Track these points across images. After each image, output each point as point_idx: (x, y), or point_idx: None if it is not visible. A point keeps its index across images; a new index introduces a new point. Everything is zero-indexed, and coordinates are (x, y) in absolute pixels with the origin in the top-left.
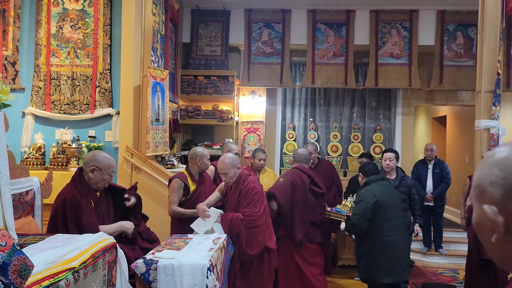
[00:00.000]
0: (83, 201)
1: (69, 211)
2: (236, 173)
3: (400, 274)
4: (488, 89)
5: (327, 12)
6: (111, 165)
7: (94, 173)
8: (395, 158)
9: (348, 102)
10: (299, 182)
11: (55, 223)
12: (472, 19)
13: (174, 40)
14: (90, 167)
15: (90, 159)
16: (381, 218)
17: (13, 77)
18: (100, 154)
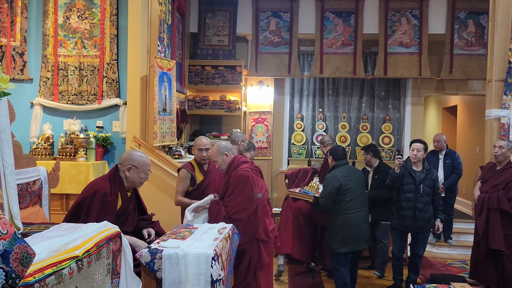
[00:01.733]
0: (111, 200)
1: (96, 205)
2: (225, 160)
3: (355, 244)
4: (499, 78)
5: (336, 1)
6: (147, 163)
7: (130, 172)
8: (424, 149)
9: (357, 92)
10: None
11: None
12: (483, 7)
13: (181, 30)
14: (127, 166)
15: (126, 158)
16: (342, 199)
17: (21, 68)
18: (136, 153)
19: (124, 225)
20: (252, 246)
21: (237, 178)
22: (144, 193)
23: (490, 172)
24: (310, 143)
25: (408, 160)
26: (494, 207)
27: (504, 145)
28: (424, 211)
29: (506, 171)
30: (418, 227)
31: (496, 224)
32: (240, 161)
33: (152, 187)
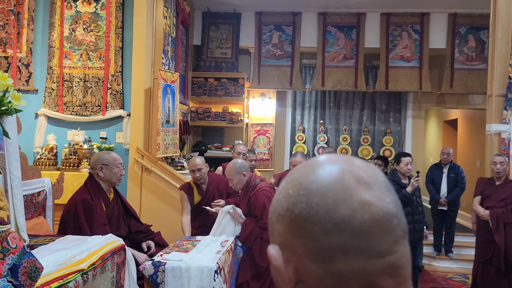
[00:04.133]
0: (94, 204)
1: (82, 214)
2: (242, 180)
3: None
4: (499, 93)
5: (338, 15)
6: (116, 158)
7: (103, 171)
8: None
9: (358, 104)
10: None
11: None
12: (484, 22)
13: (185, 42)
14: (98, 167)
15: (95, 160)
16: None
17: (26, 79)
18: (103, 153)
19: (117, 230)
20: None
21: (260, 199)
22: (148, 205)
23: (489, 187)
24: (312, 155)
25: (395, 174)
26: (510, 221)
27: (504, 160)
28: (420, 222)
29: (509, 185)
30: (418, 239)
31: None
32: (255, 180)
33: (154, 198)
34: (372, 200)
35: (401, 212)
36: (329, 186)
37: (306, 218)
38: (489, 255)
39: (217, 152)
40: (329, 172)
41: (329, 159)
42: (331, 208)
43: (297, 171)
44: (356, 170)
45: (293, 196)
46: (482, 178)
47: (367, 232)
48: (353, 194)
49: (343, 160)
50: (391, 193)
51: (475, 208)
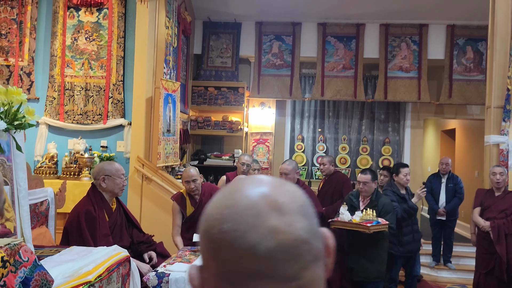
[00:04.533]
0: (97, 215)
1: (84, 225)
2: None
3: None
4: (498, 104)
5: (337, 25)
6: (118, 168)
7: (106, 182)
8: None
9: (357, 114)
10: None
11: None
12: (482, 34)
13: (186, 51)
14: (100, 177)
15: (98, 171)
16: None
17: (28, 87)
18: (105, 163)
19: (120, 240)
20: None
21: None
22: (148, 214)
23: (488, 198)
24: (311, 164)
25: (393, 185)
26: (511, 232)
27: (503, 171)
28: (418, 232)
29: (508, 196)
30: (418, 248)
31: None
32: None
33: (155, 207)
34: (281, 227)
35: (315, 237)
36: (241, 212)
37: (218, 243)
38: (490, 266)
39: (216, 160)
40: (245, 197)
41: (250, 183)
42: (241, 235)
43: (220, 192)
44: (273, 195)
45: (210, 219)
46: (481, 189)
47: (273, 258)
48: (264, 220)
49: (263, 184)
50: (305, 218)
51: (475, 219)
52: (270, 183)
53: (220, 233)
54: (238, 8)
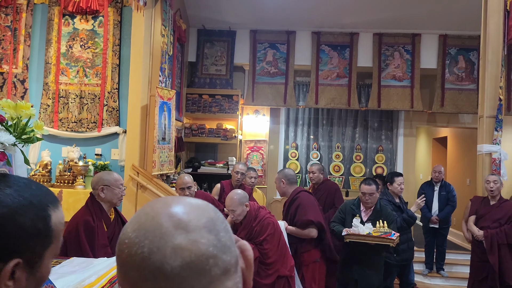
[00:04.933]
0: (95, 225)
1: (83, 236)
2: (244, 211)
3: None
4: (490, 114)
5: (331, 34)
6: (117, 179)
7: (104, 192)
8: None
9: (351, 122)
10: (317, 203)
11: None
12: (473, 44)
13: (180, 59)
14: (99, 187)
15: (96, 181)
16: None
17: (22, 95)
18: (104, 173)
19: None
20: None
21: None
22: None
23: (483, 206)
24: (305, 172)
25: (388, 194)
26: (504, 242)
27: (497, 180)
28: (412, 239)
29: (503, 205)
30: (412, 256)
31: (509, 260)
32: (255, 209)
33: None
34: (185, 245)
35: (224, 250)
36: (147, 235)
37: (127, 265)
38: (483, 275)
39: (210, 168)
40: (151, 219)
41: (157, 205)
42: (146, 256)
43: (132, 217)
44: (179, 214)
45: (120, 243)
46: (477, 197)
47: (178, 276)
48: (168, 240)
49: (170, 205)
50: (211, 233)
51: (470, 227)
52: (178, 203)
53: (129, 257)
54: (233, 16)
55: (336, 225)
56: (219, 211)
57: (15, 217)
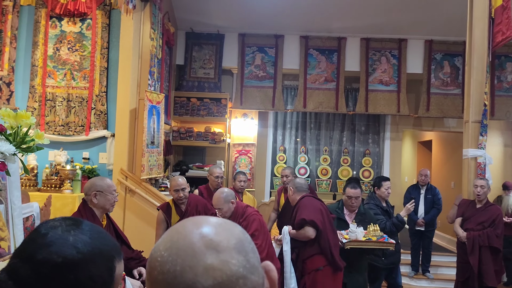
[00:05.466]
0: None
1: None
2: (231, 208)
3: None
4: (475, 119)
5: (319, 39)
6: (110, 185)
7: (97, 197)
8: None
9: (338, 126)
10: (323, 208)
11: None
12: (458, 49)
13: (169, 62)
14: (92, 193)
15: (89, 186)
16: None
17: (7, 97)
18: (97, 179)
19: None
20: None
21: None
22: (131, 227)
23: (469, 209)
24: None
25: (375, 198)
26: (485, 244)
27: (485, 184)
28: (399, 242)
29: (488, 209)
30: (399, 259)
31: (489, 262)
32: (243, 207)
33: (138, 220)
34: (217, 265)
35: (252, 271)
36: (179, 253)
37: (159, 283)
38: (466, 275)
39: (198, 171)
40: (183, 239)
41: (189, 225)
42: (179, 275)
43: (164, 235)
44: (210, 234)
45: (152, 261)
46: (465, 200)
47: None
48: (200, 259)
49: (201, 225)
50: (241, 254)
51: (456, 229)
52: (208, 223)
53: (161, 274)
54: (221, 20)
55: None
56: (246, 232)
57: (87, 264)
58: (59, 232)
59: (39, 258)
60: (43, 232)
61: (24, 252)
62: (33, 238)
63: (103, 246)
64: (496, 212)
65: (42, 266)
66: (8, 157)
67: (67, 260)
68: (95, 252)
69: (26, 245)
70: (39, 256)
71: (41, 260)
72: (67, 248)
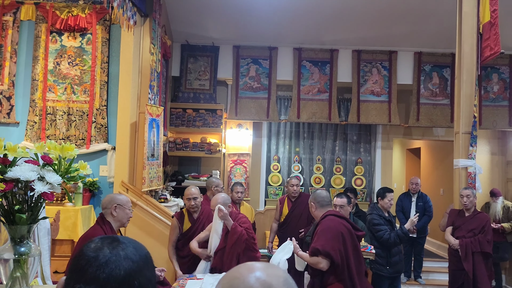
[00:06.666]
0: None
1: None
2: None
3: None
4: (465, 130)
5: (312, 51)
6: (128, 200)
7: (117, 211)
8: None
9: (331, 135)
10: (346, 231)
11: None
12: (446, 61)
13: (165, 74)
14: (112, 206)
15: (109, 200)
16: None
17: (8, 111)
18: (115, 194)
19: None
20: None
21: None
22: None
23: (459, 218)
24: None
25: (377, 208)
26: (477, 250)
27: (471, 194)
28: (402, 251)
29: (477, 216)
30: (403, 267)
31: (482, 267)
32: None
33: (140, 232)
34: None
35: None
36: None
37: None
38: (460, 282)
39: (194, 182)
40: (243, 282)
41: (245, 270)
42: None
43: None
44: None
45: None
46: (454, 209)
47: None
48: None
49: (255, 270)
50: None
51: (447, 237)
52: (258, 268)
53: None
54: (216, 32)
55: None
56: (286, 271)
57: (143, 270)
58: (108, 251)
59: (103, 277)
60: (93, 256)
61: (85, 276)
62: (87, 262)
63: (144, 250)
64: (484, 219)
65: (108, 282)
66: (55, 187)
67: (128, 271)
68: (143, 257)
69: (83, 269)
70: (102, 275)
71: (106, 278)
72: (123, 261)
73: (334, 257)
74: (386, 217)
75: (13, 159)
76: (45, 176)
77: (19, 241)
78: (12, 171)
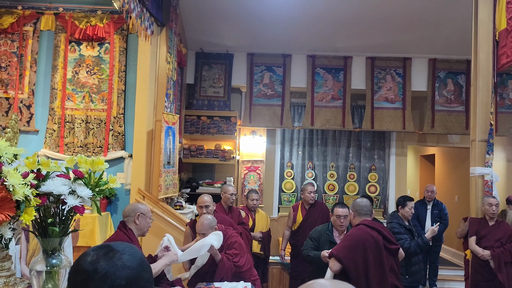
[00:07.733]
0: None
1: None
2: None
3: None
4: (482, 138)
5: (326, 58)
6: (149, 210)
7: (139, 219)
8: None
9: (344, 142)
10: (371, 242)
11: None
12: (461, 68)
13: (180, 82)
14: (136, 215)
15: (133, 208)
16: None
17: (27, 120)
18: (138, 203)
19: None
20: None
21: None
22: (148, 245)
23: (483, 227)
24: (300, 191)
25: (397, 217)
26: (509, 261)
27: (498, 203)
28: (421, 261)
29: (501, 225)
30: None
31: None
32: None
33: (155, 239)
34: None
35: None
36: None
37: None
38: None
39: (208, 188)
40: None
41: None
42: None
43: None
44: None
45: None
46: (474, 218)
47: None
48: None
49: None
50: None
51: (473, 248)
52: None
53: None
54: (230, 40)
55: (310, 251)
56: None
57: (142, 273)
58: (104, 263)
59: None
60: (91, 269)
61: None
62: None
63: (138, 254)
64: (508, 228)
65: None
66: (86, 200)
67: (129, 279)
68: (140, 261)
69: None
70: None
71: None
72: (121, 271)
73: (345, 264)
74: (407, 226)
75: (46, 173)
76: (76, 189)
77: (51, 253)
78: (45, 185)
